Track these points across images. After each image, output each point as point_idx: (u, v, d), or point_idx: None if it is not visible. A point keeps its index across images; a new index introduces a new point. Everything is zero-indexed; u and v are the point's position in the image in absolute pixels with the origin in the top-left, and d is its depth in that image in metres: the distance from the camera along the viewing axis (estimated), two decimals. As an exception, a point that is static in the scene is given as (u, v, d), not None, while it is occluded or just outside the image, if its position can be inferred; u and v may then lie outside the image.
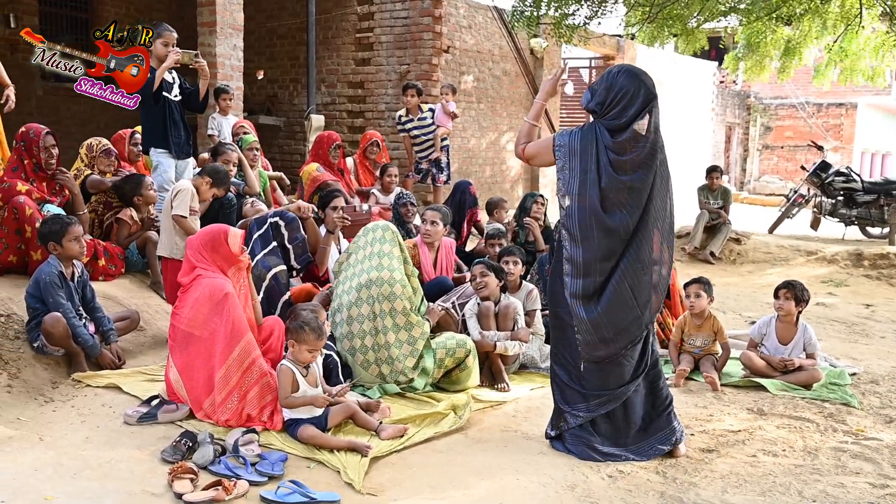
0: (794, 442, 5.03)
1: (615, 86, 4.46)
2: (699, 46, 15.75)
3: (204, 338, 4.97)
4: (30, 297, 5.61)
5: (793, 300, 6.30)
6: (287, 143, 14.62)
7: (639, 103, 4.43)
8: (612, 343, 4.60)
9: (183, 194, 6.70)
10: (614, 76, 4.49)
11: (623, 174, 4.49)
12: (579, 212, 4.54)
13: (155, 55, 7.37)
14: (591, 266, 4.55)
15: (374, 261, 5.65)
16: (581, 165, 4.53)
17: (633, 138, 4.46)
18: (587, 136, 4.55)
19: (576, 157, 4.55)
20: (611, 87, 4.47)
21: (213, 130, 9.25)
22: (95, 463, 4.27)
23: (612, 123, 4.48)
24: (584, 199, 4.52)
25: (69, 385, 5.43)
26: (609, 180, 4.49)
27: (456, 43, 13.99)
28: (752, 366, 6.30)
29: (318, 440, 4.59)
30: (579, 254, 4.55)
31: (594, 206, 4.50)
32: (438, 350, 5.66)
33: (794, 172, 27.67)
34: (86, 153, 7.50)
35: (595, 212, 4.50)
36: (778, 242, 13.06)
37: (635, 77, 4.49)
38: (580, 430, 4.68)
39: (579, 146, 4.55)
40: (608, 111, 4.48)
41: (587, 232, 4.53)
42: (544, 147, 4.74)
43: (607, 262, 4.54)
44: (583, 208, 4.53)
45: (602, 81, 4.53)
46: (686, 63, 22.55)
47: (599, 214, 4.50)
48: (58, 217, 5.87)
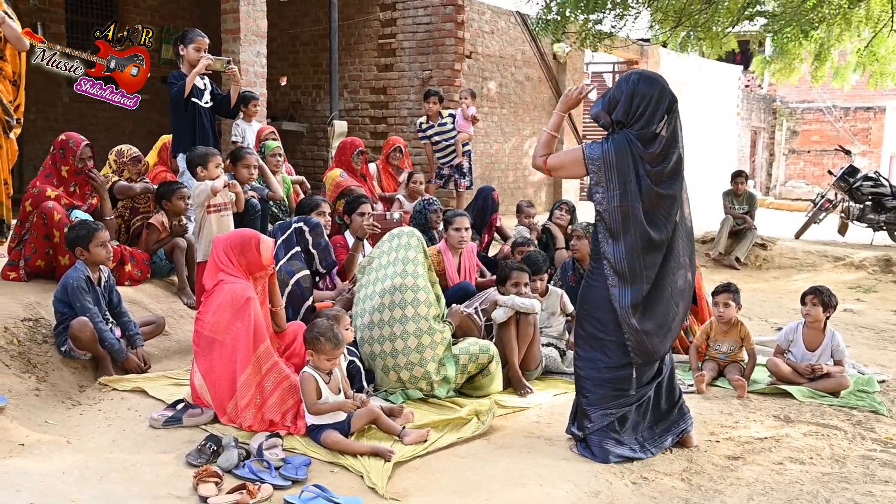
0: (821, 450, 5.01)
1: (637, 94, 4.46)
2: (726, 51, 15.70)
3: (226, 343, 5.00)
4: (57, 301, 5.69)
5: (820, 306, 6.27)
6: (310, 148, 14.70)
7: (663, 108, 4.45)
8: (662, 345, 4.70)
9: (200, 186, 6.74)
10: (634, 84, 4.48)
11: (660, 184, 4.51)
12: (622, 227, 4.53)
13: (187, 60, 7.44)
14: (637, 277, 4.56)
15: (398, 267, 5.65)
16: (619, 178, 4.49)
17: (665, 146, 4.47)
18: (621, 146, 4.50)
19: (612, 170, 4.50)
20: (633, 96, 4.46)
21: (237, 137, 9.30)
22: (121, 466, 4.31)
23: (642, 133, 4.46)
24: (627, 212, 4.51)
25: (96, 389, 5.49)
26: (648, 191, 4.49)
27: (478, 48, 14.03)
28: (779, 372, 6.28)
29: (342, 445, 4.62)
30: (625, 265, 4.55)
31: (638, 219, 4.50)
32: (461, 356, 5.68)
33: (820, 177, 27.51)
34: (115, 159, 7.55)
35: (639, 224, 4.51)
36: (805, 248, 12.98)
37: (655, 82, 4.50)
38: (604, 430, 4.70)
39: (615, 158, 4.49)
40: (635, 121, 4.47)
41: (633, 244, 4.53)
42: (572, 160, 4.69)
43: (652, 270, 4.58)
44: (626, 222, 4.52)
45: (621, 91, 4.51)
46: (711, 67, 22.48)
47: (643, 227, 4.51)
48: (84, 223, 5.95)
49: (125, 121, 12.69)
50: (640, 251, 4.54)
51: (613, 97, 4.55)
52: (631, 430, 4.76)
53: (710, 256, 12.37)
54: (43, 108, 12.22)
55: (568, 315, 6.66)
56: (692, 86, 20.61)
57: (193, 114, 7.62)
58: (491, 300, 6.28)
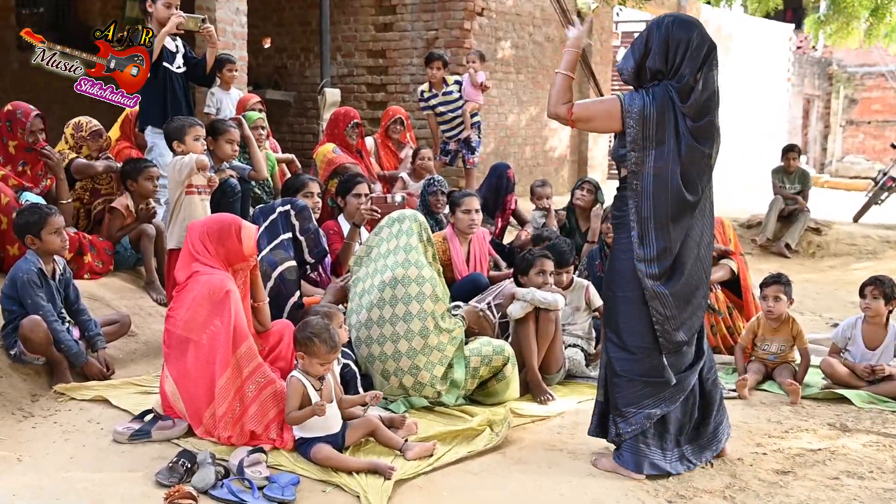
0: (882, 462, 4.99)
1: (673, 38, 4.42)
2: (772, 6, 15.62)
3: (203, 343, 4.98)
4: (5, 297, 5.67)
5: (881, 298, 6.24)
6: (298, 121, 14.67)
7: (703, 54, 4.43)
8: (688, 322, 4.65)
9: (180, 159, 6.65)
10: (668, 28, 4.44)
11: (702, 142, 4.50)
12: (654, 190, 4.50)
13: (156, 19, 7.43)
14: (666, 249, 4.53)
15: (399, 256, 5.62)
16: (658, 135, 4.46)
17: (706, 98, 4.45)
18: (663, 99, 4.46)
19: (652, 126, 4.46)
20: (668, 41, 4.43)
21: (211, 108, 9.19)
22: (81, 486, 4.30)
23: (682, 85, 4.43)
24: (662, 174, 4.48)
25: (51, 398, 5.48)
26: (689, 151, 4.47)
27: (491, 4, 13.95)
28: (835, 374, 6.25)
29: (335, 461, 4.60)
30: (653, 235, 4.53)
31: (675, 183, 4.48)
32: (473, 358, 5.65)
33: (882, 152, 27.44)
34: (72, 133, 7.52)
35: (676, 189, 4.48)
36: (864, 232, 12.95)
37: (692, 26, 4.48)
38: (642, 434, 4.67)
39: (656, 113, 4.45)
40: (674, 71, 4.44)
41: (664, 210, 4.51)
42: (607, 111, 4.59)
43: (680, 237, 4.57)
44: (659, 185, 4.49)
45: (654, 37, 4.47)
46: (758, 25, 22.35)
47: (680, 191, 4.49)
48: (36, 207, 5.93)
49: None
50: (671, 218, 4.51)
51: (646, 44, 4.50)
52: (674, 437, 4.72)
53: (756, 242, 12.33)
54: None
55: (595, 310, 6.62)
56: (736, 47, 20.48)
57: (164, 80, 7.60)
58: (507, 293, 6.25)
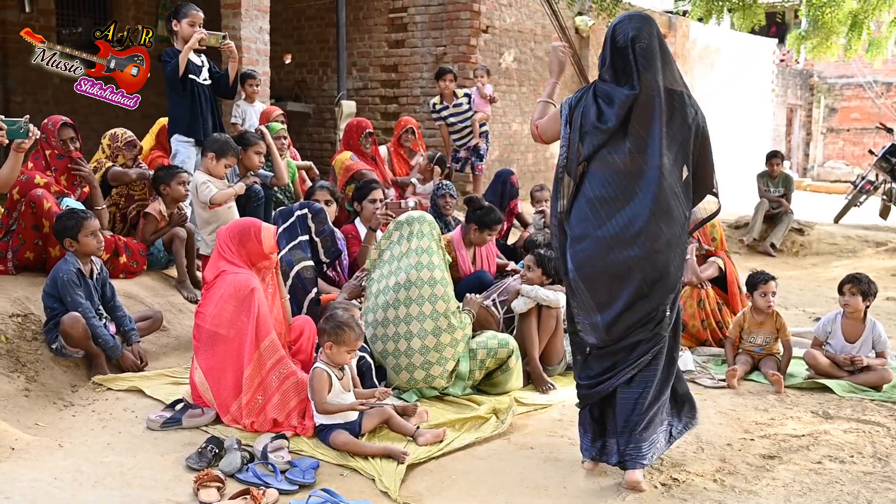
0: (862, 447, 4.96)
1: (608, 34, 4.27)
2: (757, 22, 15.59)
3: (230, 337, 4.99)
4: (47, 296, 5.68)
5: (859, 295, 6.22)
6: (317, 130, 14.67)
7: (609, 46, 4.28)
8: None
9: (203, 187, 6.80)
10: (612, 25, 4.29)
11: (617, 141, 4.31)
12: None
13: (181, 36, 7.48)
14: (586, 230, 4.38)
15: (412, 258, 5.60)
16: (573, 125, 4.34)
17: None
18: (582, 90, 4.35)
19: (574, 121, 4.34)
20: (606, 37, 4.28)
21: (237, 119, 9.26)
22: (117, 470, 4.32)
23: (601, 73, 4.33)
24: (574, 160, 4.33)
25: (89, 388, 5.50)
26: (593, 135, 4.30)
27: (495, 22, 13.93)
28: (817, 365, 6.23)
29: (352, 446, 4.60)
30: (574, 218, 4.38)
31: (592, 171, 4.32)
32: (479, 350, 5.65)
33: (861, 157, 27.29)
34: (108, 144, 7.54)
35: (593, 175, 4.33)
36: (844, 233, 12.92)
37: (623, 20, 4.28)
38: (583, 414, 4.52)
39: (572, 106, 4.35)
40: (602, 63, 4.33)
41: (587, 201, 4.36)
42: (552, 115, 4.54)
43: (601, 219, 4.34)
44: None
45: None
46: (744, 40, 22.29)
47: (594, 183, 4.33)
48: (73, 212, 5.94)
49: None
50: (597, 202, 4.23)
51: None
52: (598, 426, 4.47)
53: (743, 242, 12.31)
54: (32, 90, 12.21)
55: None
56: (723, 60, 20.46)
57: (192, 91, 7.64)
58: (512, 290, 6.25)
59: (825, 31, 15.47)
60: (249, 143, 7.64)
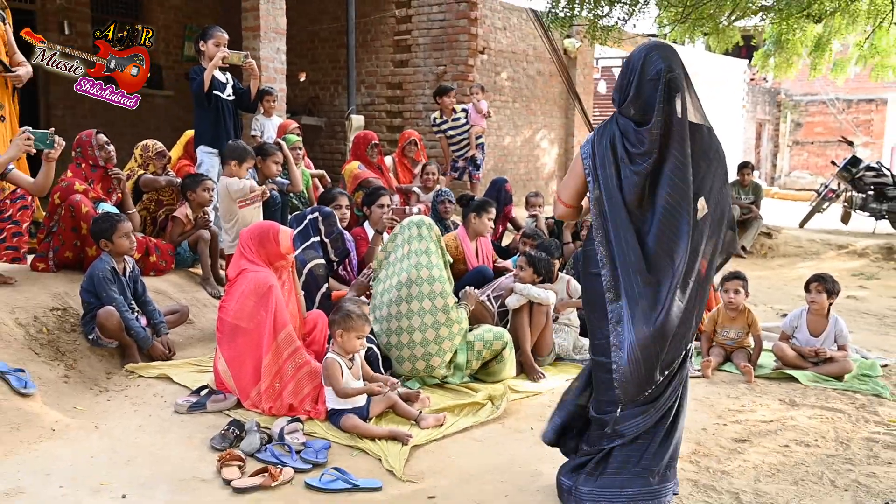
0: (826, 432, 4.98)
1: (629, 65, 3.71)
2: (731, 44, 15.62)
3: (250, 329, 5.00)
4: (84, 291, 5.69)
5: (824, 293, 6.23)
6: (328, 142, 14.68)
7: (651, 83, 3.59)
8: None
9: (238, 183, 6.86)
10: (632, 54, 3.73)
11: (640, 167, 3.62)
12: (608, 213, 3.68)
13: (207, 56, 7.51)
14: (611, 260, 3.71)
15: (412, 259, 5.60)
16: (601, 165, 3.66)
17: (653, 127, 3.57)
18: (603, 128, 3.74)
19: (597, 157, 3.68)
20: (625, 68, 3.74)
21: (256, 131, 9.29)
22: (148, 450, 4.33)
23: (623, 109, 3.67)
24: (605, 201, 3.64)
25: (122, 375, 5.50)
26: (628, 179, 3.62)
27: (491, 44, 13.97)
28: (784, 357, 6.25)
29: (360, 429, 4.61)
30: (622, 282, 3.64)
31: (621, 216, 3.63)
32: (476, 342, 5.66)
33: (824, 168, 27.31)
34: (140, 154, 7.57)
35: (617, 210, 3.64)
36: (809, 236, 12.93)
37: (641, 48, 3.71)
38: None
39: (596, 139, 3.73)
40: (624, 98, 3.67)
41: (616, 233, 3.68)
42: (571, 170, 3.88)
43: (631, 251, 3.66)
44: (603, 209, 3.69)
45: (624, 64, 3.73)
46: (717, 61, 22.27)
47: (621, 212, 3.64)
48: (108, 215, 5.94)
49: (150, 117, 12.66)
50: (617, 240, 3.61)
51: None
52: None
53: (716, 245, 12.28)
54: (71, 104, 12.21)
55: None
56: (699, 80, 20.42)
57: (217, 106, 7.67)
58: (506, 287, 6.28)
59: (787, 51, 15.49)
60: (268, 153, 7.67)
